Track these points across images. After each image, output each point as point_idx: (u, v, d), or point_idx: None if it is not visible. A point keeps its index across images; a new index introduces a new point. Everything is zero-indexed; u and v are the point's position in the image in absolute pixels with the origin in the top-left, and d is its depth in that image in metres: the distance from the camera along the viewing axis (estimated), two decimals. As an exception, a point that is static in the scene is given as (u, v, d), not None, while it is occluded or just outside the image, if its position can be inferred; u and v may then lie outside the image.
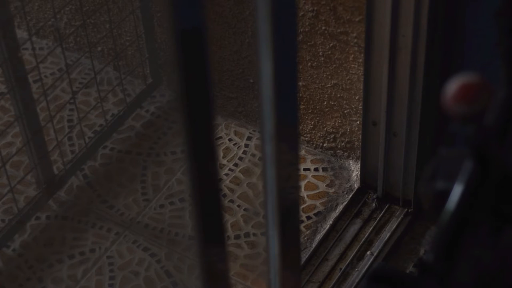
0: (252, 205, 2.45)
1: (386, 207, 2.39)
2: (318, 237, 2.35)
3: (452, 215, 1.00)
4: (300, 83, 2.41)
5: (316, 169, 2.52)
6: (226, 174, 2.52)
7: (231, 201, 2.45)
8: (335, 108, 2.43)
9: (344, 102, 2.40)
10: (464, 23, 2.10)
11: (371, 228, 2.35)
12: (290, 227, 1.19)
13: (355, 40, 2.25)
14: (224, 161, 2.55)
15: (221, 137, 2.62)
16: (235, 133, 2.64)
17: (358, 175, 2.44)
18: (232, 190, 2.48)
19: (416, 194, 2.35)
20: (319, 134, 2.52)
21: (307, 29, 2.30)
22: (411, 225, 2.36)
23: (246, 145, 2.60)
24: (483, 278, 1.01)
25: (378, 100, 2.22)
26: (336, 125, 2.46)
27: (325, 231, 2.35)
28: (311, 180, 2.50)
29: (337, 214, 2.39)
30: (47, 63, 2.81)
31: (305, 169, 2.52)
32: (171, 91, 2.75)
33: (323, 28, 2.28)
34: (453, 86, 0.97)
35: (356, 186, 2.45)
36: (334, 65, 2.33)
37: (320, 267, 2.28)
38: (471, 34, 2.10)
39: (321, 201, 2.44)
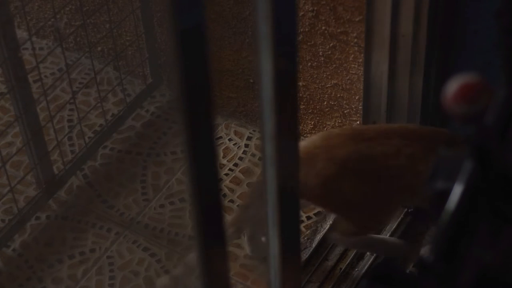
0: (252, 205, 2.45)
1: (386, 207, 2.39)
2: (318, 237, 2.35)
3: (452, 215, 1.00)
4: (300, 83, 2.41)
5: (316, 169, 2.52)
6: (226, 174, 2.52)
7: (231, 201, 2.45)
8: (335, 108, 2.43)
9: (344, 102, 2.40)
10: (464, 23, 2.10)
11: (371, 228, 2.35)
12: (290, 227, 1.19)
13: (355, 40, 2.25)
14: (224, 161, 2.55)
15: (221, 137, 2.62)
16: (235, 133, 2.63)
17: (358, 175, 2.44)
18: (232, 190, 2.48)
19: (416, 194, 2.34)
20: (319, 134, 2.52)
21: (307, 29, 2.30)
22: (411, 225, 2.36)
23: (246, 145, 2.60)
24: (483, 278, 1.01)
25: (378, 100, 2.22)
26: (336, 125, 2.46)
27: (325, 231, 2.35)
28: (311, 180, 2.49)
29: (337, 214, 2.39)
30: (47, 63, 2.81)
31: (305, 169, 2.52)
32: (171, 91, 2.75)
33: (323, 28, 2.28)
34: (453, 86, 0.97)
35: (356, 186, 2.45)
36: (334, 65, 2.33)
37: (320, 267, 2.28)
38: (471, 34, 2.10)
39: (321, 201, 2.44)
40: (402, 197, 2.06)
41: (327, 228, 2.36)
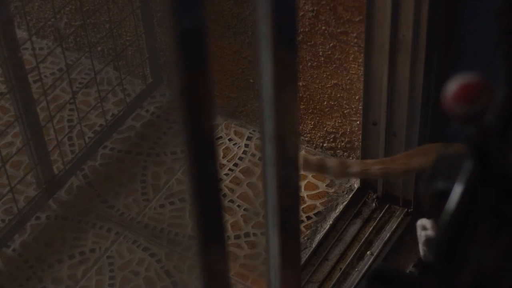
0: (252, 205, 2.45)
1: (386, 207, 2.39)
2: (318, 237, 2.35)
3: (452, 215, 1.00)
4: (300, 83, 2.41)
5: (316, 169, 2.52)
6: (226, 174, 2.52)
7: (231, 201, 2.45)
8: (335, 108, 2.42)
9: (344, 102, 2.40)
10: (464, 23, 2.10)
11: (371, 228, 2.35)
12: (290, 227, 1.19)
13: (355, 40, 2.25)
14: (224, 161, 2.55)
15: (221, 137, 2.62)
16: (235, 133, 2.63)
17: (358, 175, 2.44)
18: (232, 190, 2.48)
19: (416, 194, 2.35)
20: (319, 134, 2.52)
21: (307, 29, 2.30)
22: (411, 225, 2.36)
23: (246, 145, 2.60)
24: (483, 278, 1.01)
25: (378, 100, 2.22)
26: (336, 125, 2.46)
27: (325, 231, 2.35)
28: (311, 180, 2.50)
29: (337, 214, 2.39)
30: (47, 63, 2.81)
31: (305, 169, 2.52)
32: (171, 91, 2.75)
33: (323, 28, 2.28)
34: (453, 86, 0.97)
35: (356, 186, 2.45)
36: (334, 65, 2.33)
37: (320, 267, 2.28)
38: (471, 34, 2.10)
39: (321, 201, 2.44)
40: None
41: (327, 228, 2.36)
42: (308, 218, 2.41)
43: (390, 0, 2.02)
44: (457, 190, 1.00)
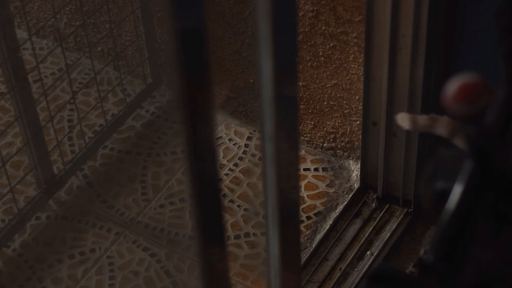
0: (252, 205, 2.45)
1: (386, 207, 2.39)
2: (318, 237, 2.35)
3: (452, 215, 1.00)
4: (300, 83, 2.41)
5: (316, 169, 2.52)
6: (226, 174, 2.52)
7: (231, 201, 2.45)
8: (335, 108, 2.43)
9: (344, 102, 2.40)
10: (463, 23, 2.10)
11: (371, 228, 2.35)
12: (290, 227, 1.19)
13: (355, 40, 2.25)
14: (224, 161, 2.55)
15: (221, 137, 2.62)
16: (235, 133, 2.64)
17: (358, 175, 2.44)
18: (232, 190, 2.48)
19: (416, 194, 2.35)
20: (319, 134, 2.52)
21: (307, 29, 2.30)
22: (411, 225, 2.37)
23: (246, 145, 2.60)
24: (483, 278, 1.01)
25: (378, 100, 2.22)
26: (336, 125, 2.46)
27: (325, 231, 2.35)
28: (311, 180, 2.50)
29: (337, 214, 2.39)
30: (47, 63, 2.81)
31: (305, 169, 2.52)
32: (171, 91, 2.75)
33: (323, 28, 2.28)
34: (453, 86, 0.97)
35: (356, 186, 2.45)
36: (334, 65, 2.33)
37: (320, 267, 2.28)
38: (471, 34, 2.10)
39: (321, 201, 2.44)
40: None
41: (327, 228, 2.36)
42: (308, 218, 2.41)
43: (390, 0, 2.02)
44: (457, 190, 1.00)
